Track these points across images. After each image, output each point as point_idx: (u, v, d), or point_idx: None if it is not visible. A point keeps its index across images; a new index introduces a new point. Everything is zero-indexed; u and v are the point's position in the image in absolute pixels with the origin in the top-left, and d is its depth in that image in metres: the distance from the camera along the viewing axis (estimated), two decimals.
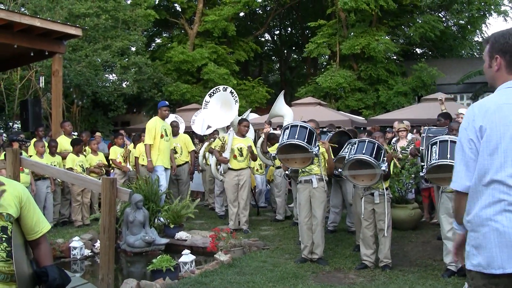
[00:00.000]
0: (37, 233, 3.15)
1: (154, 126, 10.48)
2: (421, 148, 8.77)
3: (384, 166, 6.80)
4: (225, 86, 11.06)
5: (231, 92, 10.70)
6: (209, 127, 11.77)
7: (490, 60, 2.92)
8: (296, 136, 7.28)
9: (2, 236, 2.90)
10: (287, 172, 10.03)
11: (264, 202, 13.28)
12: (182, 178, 11.72)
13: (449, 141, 6.53)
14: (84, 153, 11.62)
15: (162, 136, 10.42)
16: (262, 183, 12.66)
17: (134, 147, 12.58)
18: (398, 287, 6.27)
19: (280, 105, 11.22)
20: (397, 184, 9.54)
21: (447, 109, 10.09)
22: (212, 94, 10.83)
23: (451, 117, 9.54)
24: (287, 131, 7.47)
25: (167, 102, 10.89)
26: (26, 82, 18.08)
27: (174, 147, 11.56)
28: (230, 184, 10.23)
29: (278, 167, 10.81)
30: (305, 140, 7.22)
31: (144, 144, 10.63)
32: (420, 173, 7.19)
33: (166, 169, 10.59)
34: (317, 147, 7.33)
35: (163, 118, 10.67)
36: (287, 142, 7.33)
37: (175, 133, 11.63)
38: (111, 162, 12.44)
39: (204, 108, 10.81)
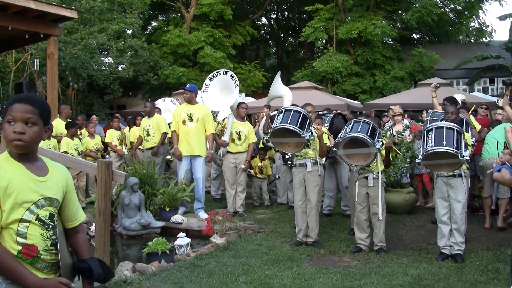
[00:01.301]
0: (77, 220, 3.01)
1: (177, 112, 10.01)
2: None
3: (378, 145, 6.80)
4: (226, 70, 10.91)
5: (231, 76, 10.59)
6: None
7: None
8: (288, 121, 7.25)
9: (49, 223, 2.73)
10: (287, 156, 10.02)
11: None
12: (156, 161, 11.03)
13: (444, 128, 6.53)
14: (80, 136, 11.60)
15: (184, 122, 9.82)
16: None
17: (129, 131, 12.57)
18: (392, 270, 6.30)
19: (278, 86, 11.18)
20: (392, 168, 9.56)
21: (437, 96, 10.04)
22: (212, 77, 10.69)
23: (456, 101, 9.40)
24: (281, 115, 7.44)
25: (189, 85, 10.33)
26: (21, 64, 17.99)
27: (147, 129, 11.33)
28: (227, 167, 10.30)
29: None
30: (298, 125, 7.19)
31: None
32: (416, 159, 7.20)
33: (190, 156, 9.86)
34: (310, 132, 7.32)
35: (188, 101, 9.97)
36: (279, 127, 7.32)
37: (150, 114, 11.46)
38: (108, 147, 12.45)
39: (204, 91, 10.68)
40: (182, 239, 7.39)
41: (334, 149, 7.17)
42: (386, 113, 13.07)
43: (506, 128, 8.64)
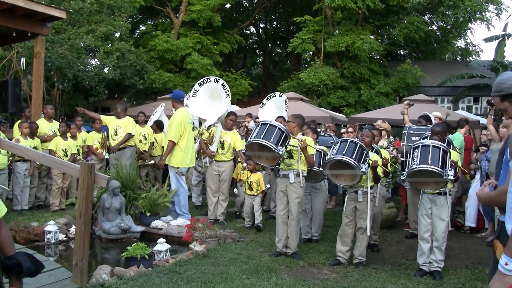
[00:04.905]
0: None
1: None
2: (402, 143, 8.80)
3: (364, 168, 6.84)
4: (217, 78, 10.81)
5: (223, 85, 10.49)
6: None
7: None
8: (262, 136, 7.30)
9: None
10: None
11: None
12: (122, 162, 10.76)
13: (431, 146, 6.58)
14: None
15: None
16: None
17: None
18: (371, 284, 6.32)
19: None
20: None
21: (408, 113, 10.25)
22: (202, 83, 10.61)
23: (431, 120, 9.69)
24: (257, 129, 7.50)
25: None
26: (7, 62, 17.80)
27: (116, 129, 11.36)
28: (210, 175, 10.28)
29: None
30: (271, 140, 7.23)
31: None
32: (401, 176, 7.23)
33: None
34: (284, 148, 7.35)
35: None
36: (252, 141, 7.38)
37: (120, 116, 11.51)
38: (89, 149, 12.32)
39: (192, 96, 10.59)
40: (162, 245, 7.35)
41: (321, 169, 7.20)
42: (367, 125, 13.08)
43: None
